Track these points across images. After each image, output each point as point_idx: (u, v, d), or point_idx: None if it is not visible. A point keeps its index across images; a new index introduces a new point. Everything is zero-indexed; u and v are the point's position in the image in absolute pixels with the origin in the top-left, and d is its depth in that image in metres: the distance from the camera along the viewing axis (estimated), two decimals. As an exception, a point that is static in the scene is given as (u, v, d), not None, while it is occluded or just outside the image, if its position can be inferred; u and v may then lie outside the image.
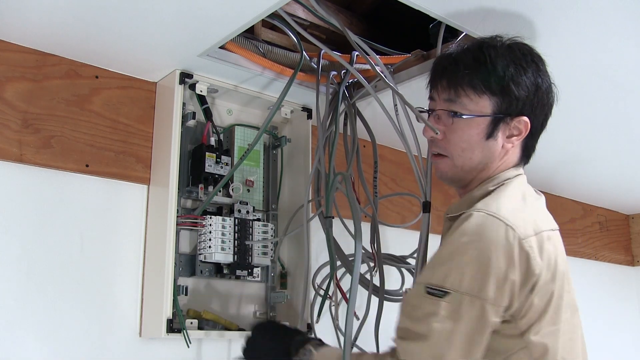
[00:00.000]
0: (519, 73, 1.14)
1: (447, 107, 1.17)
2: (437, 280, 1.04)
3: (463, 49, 1.19)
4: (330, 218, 1.52)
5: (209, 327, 1.56)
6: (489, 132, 1.15)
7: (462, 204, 1.18)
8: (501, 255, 1.03)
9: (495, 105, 1.14)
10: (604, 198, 2.87)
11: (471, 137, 1.15)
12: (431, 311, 1.03)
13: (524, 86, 1.14)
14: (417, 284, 1.09)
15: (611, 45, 1.45)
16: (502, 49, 1.15)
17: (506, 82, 1.13)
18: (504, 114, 1.14)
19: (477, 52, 1.15)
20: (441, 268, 1.05)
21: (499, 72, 1.13)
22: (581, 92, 1.68)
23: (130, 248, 1.57)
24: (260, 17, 1.33)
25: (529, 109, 1.15)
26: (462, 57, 1.17)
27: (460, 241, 1.05)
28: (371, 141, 1.77)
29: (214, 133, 1.68)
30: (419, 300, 1.05)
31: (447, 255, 1.07)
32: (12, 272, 1.40)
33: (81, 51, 1.51)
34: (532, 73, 1.15)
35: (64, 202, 1.49)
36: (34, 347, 1.40)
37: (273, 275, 1.77)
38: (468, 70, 1.14)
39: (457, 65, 1.16)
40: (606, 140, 2.09)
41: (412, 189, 2.15)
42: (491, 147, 1.16)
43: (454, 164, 1.18)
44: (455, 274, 1.03)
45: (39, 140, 1.47)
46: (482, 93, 1.14)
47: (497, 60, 1.14)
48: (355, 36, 1.49)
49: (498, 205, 1.09)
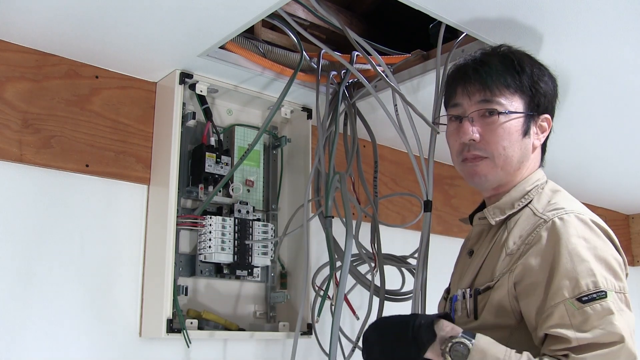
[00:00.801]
0: (542, 73, 1.20)
1: (484, 107, 1.18)
2: (589, 286, 1.02)
3: (484, 54, 1.22)
4: (330, 218, 1.52)
5: (209, 327, 1.56)
6: (525, 129, 1.18)
7: (504, 204, 1.19)
8: (616, 251, 1.08)
9: (527, 103, 1.18)
10: (604, 198, 2.87)
11: (511, 134, 1.17)
12: (605, 315, 1.00)
13: (548, 85, 1.20)
14: (558, 304, 1.02)
15: (612, 48, 1.45)
16: (521, 53, 1.21)
17: (535, 81, 1.18)
18: (534, 112, 1.19)
19: (501, 56, 1.20)
20: (583, 275, 1.02)
21: (527, 72, 1.18)
22: (581, 93, 1.68)
23: (130, 248, 1.57)
24: (260, 17, 1.32)
25: (551, 108, 1.22)
26: (490, 61, 1.20)
27: (579, 245, 1.05)
28: (371, 141, 1.77)
29: (214, 133, 1.68)
30: (582, 314, 1.00)
31: (577, 261, 1.04)
32: (12, 271, 1.39)
33: (81, 51, 1.51)
34: (548, 74, 1.22)
35: (64, 202, 1.49)
36: (34, 347, 1.39)
37: (273, 275, 1.77)
38: (500, 71, 1.18)
39: (489, 66, 1.18)
40: (606, 140, 2.09)
41: (412, 189, 2.15)
42: (527, 145, 1.19)
43: (495, 164, 1.18)
44: (599, 275, 1.03)
45: (39, 140, 1.47)
46: (515, 92, 1.18)
47: (522, 61, 1.19)
48: (356, 36, 1.49)
49: (577, 207, 1.12)
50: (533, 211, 1.15)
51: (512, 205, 1.18)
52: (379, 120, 1.78)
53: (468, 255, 1.25)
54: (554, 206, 1.13)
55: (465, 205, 2.37)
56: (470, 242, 1.27)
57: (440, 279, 1.44)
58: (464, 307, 1.17)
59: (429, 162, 1.43)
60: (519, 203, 1.18)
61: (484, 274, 1.17)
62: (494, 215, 1.19)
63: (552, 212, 1.11)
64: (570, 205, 1.13)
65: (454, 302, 1.21)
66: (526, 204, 1.17)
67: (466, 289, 1.18)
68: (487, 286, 1.14)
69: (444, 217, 2.30)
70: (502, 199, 1.20)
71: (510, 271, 1.10)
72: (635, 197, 2.87)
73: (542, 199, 1.17)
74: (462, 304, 1.17)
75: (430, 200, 1.42)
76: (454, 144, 1.23)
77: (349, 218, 1.44)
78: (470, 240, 1.28)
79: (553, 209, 1.12)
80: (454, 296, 1.21)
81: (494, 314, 1.11)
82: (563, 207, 1.12)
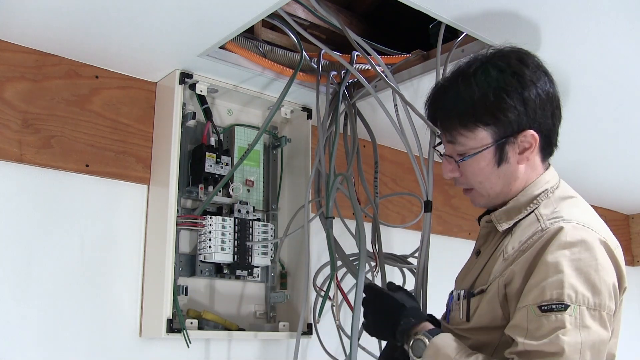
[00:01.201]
0: (501, 97, 1.12)
1: (451, 151, 1.20)
2: (552, 296, 1.02)
3: (441, 87, 1.22)
4: (331, 218, 1.52)
5: (209, 327, 1.56)
6: (498, 158, 1.16)
7: (511, 210, 1.18)
8: (606, 265, 1.06)
9: (493, 133, 1.14)
10: (604, 198, 2.87)
11: (482, 170, 1.17)
12: (556, 326, 1.00)
13: (511, 107, 1.12)
14: (522, 308, 1.04)
15: (612, 48, 1.44)
16: (478, 76, 1.14)
17: (492, 111, 1.13)
18: (504, 138, 1.14)
19: (455, 90, 1.17)
20: (551, 285, 1.02)
21: (481, 104, 1.13)
22: (581, 94, 1.68)
23: (130, 248, 1.57)
24: (260, 17, 1.32)
25: (530, 122, 1.14)
26: (444, 100, 1.19)
27: (562, 255, 1.04)
28: (371, 141, 1.77)
29: (214, 133, 1.68)
30: (537, 321, 1.02)
31: (552, 271, 1.03)
32: (12, 272, 1.39)
33: (81, 51, 1.51)
34: (515, 89, 1.13)
35: (64, 202, 1.49)
36: (34, 347, 1.39)
37: (273, 275, 1.77)
38: (453, 113, 1.17)
39: (443, 110, 1.19)
40: (606, 140, 2.09)
41: (412, 189, 2.15)
42: (507, 170, 1.17)
43: (481, 194, 1.21)
44: (568, 287, 1.02)
45: (39, 140, 1.47)
46: (475, 128, 1.15)
47: (475, 92, 1.14)
48: (356, 36, 1.49)
49: (578, 216, 1.10)
50: (538, 218, 1.14)
51: (519, 211, 1.17)
52: (379, 120, 1.78)
53: (475, 255, 1.26)
54: (555, 214, 1.11)
55: (466, 205, 2.37)
56: (479, 242, 1.27)
57: (441, 279, 1.44)
58: (458, 308, 1.19)
59: (429, 162, 1.43)
60: (527, 208, 1.16)
61: (482, 276, 1.18)
62: (500, 221, 1.19)
63: (550, 221, 1.10)
64: (571, 214, 1.11)
65: (450, 301, 1.24)
66: (534, 210, 1.16)
67: (461, 291, 1.20)
68: (480, 289, 1.15)
69: (444, 217, 2.30)
70: (510, 203, 1.19)
71: (502, 276, 1.11)
72: (635, 197, 2.87)
73: (549, 206, 1.15)
74: (457, 304, 1.20)
75: (430, 201, 1.41)
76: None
77: (360, 221, 1.43)
78: (478, 240, 1.28)
79: (553, 218, 1.11)
80: (450, 296, 1.23)
81: (486, 317, 1.13)
82: (562, 215, 1.10)
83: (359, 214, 1.45)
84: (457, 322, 1.19)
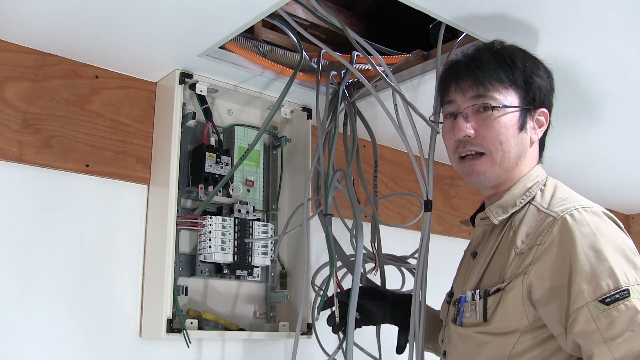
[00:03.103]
0: (537, 66, 1.20)
1: (475, 108, 1.18)
2: (609, 286, 1.00)
3: (477, 50, 1.22)
4: (330, 216, 1.51)
5: (209, 327, 1.56)
6: (521, 124, 1.17)
7: (506, 203, 1.18)
8: (627, 239, 1.08)
9: (522, 97, 1.18)
10: (604, 198, 2.86)
11: (507, 129, 1.16)
12: (631, 315, 0.97)
13: (543, 78, 1.20)
14: (580, 309, 1.01)
15: (611, 48, 1.44)
16: (514, 48, 1.21)
17: (528, 75, 1.18)
18: (530, 106, 1.18)
19: (494, 52, 1.20)
20: (602, 274, 1.00)
21: (519, 66, 1.18)
22: (581, 93, 1.68)
23: (130, 248, 1.57)
24: (260, 17, 1.32)
25: (547, 101, 1.21)
26: (482, 56, 1.20)
27: (594, 242, 1.03)
28: (371, 141, 1.77)
29: (214, 133, 1.68)
30: (607, 316, 0.99)
31: (595, 260, 1.02)
32: (12, 272, 1.39)
33: (81, 51, 1.51)
34: (543, 68, 1.21)
35: (64, 202, 1.49)
36: (33, 347, 1.39)
37: (273, 275, 1.77)
38: (492, 66, 1.17)
39: (481, 62, 1.18)
40: (606, 140, 2.09)
41: (412, 189, 2.15)
42: (524, 140, 1.18)
43: (493, 161, 1.17)
44: (619, 271, 1.00)
45: (39, 140, 1.47)
46: (509, 86, 1.17)
47: (515, 56, 1.19)
48: (356, 35, 1.49)
49: (579, 197, 1.12)
50: (538, 207, 1.13)
51: (514, 203, 1.17)
52: (379, 120, 1.78)
53: (472, 257, 1.24)
54: (561, 202, 1.11)
55: (465, 205, 2.37)
56: (474, 244, 1.25)
57: (440, 279, 1.44)
58: (474, 309, 1.15)
59: (429, 162, 1.43)
60: (520, 200, 1.17)
61: (490, 274, 1.15)
62: (496, 215, 1.18)
63: (560, 209, 1.09)
64: (576, 199, 1.12)
65: (462, 304, 1.18)
66: (528, 201, 1.16)
67: (475, 290, 1.15)
68: (497, 288, 1.11)
69: (444, 217, 2.30)
70: (504, 197, 1.18)
71: (525, 273, 1.07)
72: (635, 197, 2.87)
73: (545, 194, 1.16)
74: (472, 305, 1.15)
75: (430, 200, 1.41)
76: (449, 142, 1.22)
77: (358, 217, 1.42)
78: (473, 241, 1.27)
79: (560, 205, 1.10)
80: (462, 297, 1.18)
81: (506, 317, 1.09)
82: (571, 202, 1.10)
83: (357, 209, 1.44)
84: (472, 324, 1.15)
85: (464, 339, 1.16)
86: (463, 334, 1.16)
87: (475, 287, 1.17)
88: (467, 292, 1.17)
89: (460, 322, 1.18)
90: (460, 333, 1.17)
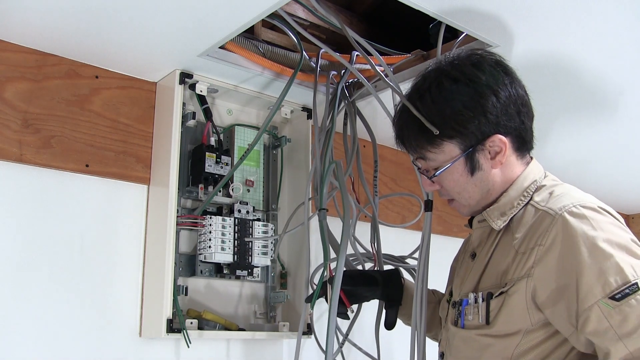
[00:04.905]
0: (458, 110, 1.12)
1: (425, 166, 1.20)
2: (618, 282, 0.99)
3: (402, 107, 1.21)
4: (324, 210, 1.49)
5: (209, 327, 1.56)
6: (471, 167, 1.16)
7: (504, 206, 1.17)
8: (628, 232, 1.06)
9: (459, 144, 1.14)
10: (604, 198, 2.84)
11: (458, 180, 1.17)
12: None
13: (470, 118, 1.12)
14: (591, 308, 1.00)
15: (610, 47, 1.45)
16: (433, 91, 1.14)
17: (452, 125, 1.13)
18: (472, 147, 1.14)
19: (419, 104, 1.16)
20: (610, 271, 0.99)
21: (440, 120, 1.13)
22: (582, 92, 1.68)
23: (130, 248, 1.57)
24: (260, 17, 1.32)
25: (494, 127, 1.13)
26: (404, 122, 1.19)
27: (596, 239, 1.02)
28: (371, 141, 1.77)
29: (214, 133, 1.68)
30: (619, 312, 0.98)
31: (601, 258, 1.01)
32: (11, 271, 1.39)
33: (81, 51, 1.51)
34: (471, 98, 1.12)
35: (64, 202, 1.49)
36: (33, 347, 1.39)
37: (273, 275, 1.77)
38: (414, 132, 1.17)
39: (406, 129, 1.19)
40: (606, 140, 2.09)
41: (412, 189, 2.15)
42: (482, 177, 1.16)
43: (462, 204, 1.21)
44: (626, 266, 1.00)
45: (39, 140, 1.47)
46: (440, 143, 1.15)
47: (432, 108, 1.14)
48: (356, 35, 1.49)
49: (578, 196, 1.11)
50: (535, 206, 1.12)
51: (512, 205, 1.15)
52: (379, 120, 1.78)
53: (471, 258, 1.23)
54: (558, 199, 1.10)
55: (465, 205, 2.37)
56: (472, 245, 1.25)
57: (440, 279, 1.44)
58: (476, 312, 1.14)
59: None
60: (518, 202, 1.15)
61: (489, 276, 1.15)
62: (495, 219, 1.17)
63: (558, 206, 1.08)
64: (573, 195, 1.10)
65: (464, 306, 1.17)
66: (527, 202, 1.15)
67: (478, 293, 1.15)
68: (500, 291, 1.10)
69: (444, 217, 2.30)
70: (501, 200, 1.17)
71: (528, 276, 1.06)
72: (635, 197, 2.86)
73: (543, 192, 1.14)
74: (474, 308, 1.15)
75: (431, 200, 1.41)
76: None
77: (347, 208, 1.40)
78: (471, 243, 1.26)
79: (559, 203, 1.09)
80: (464, 300, 1.17)
81: (509, 320, 1.09)
82: (568, 198, 1.09)
83: (345, 197, 1.43)
84: (475, 326, 1.14)
85: (466, 341, 1.16)
86: (465, 337, 1.16)
87: (474, 289, 1.17)
88: (469, 294, 1.17)
89: (462, 324, 1.17)
90: (461, 336, 1.17)
